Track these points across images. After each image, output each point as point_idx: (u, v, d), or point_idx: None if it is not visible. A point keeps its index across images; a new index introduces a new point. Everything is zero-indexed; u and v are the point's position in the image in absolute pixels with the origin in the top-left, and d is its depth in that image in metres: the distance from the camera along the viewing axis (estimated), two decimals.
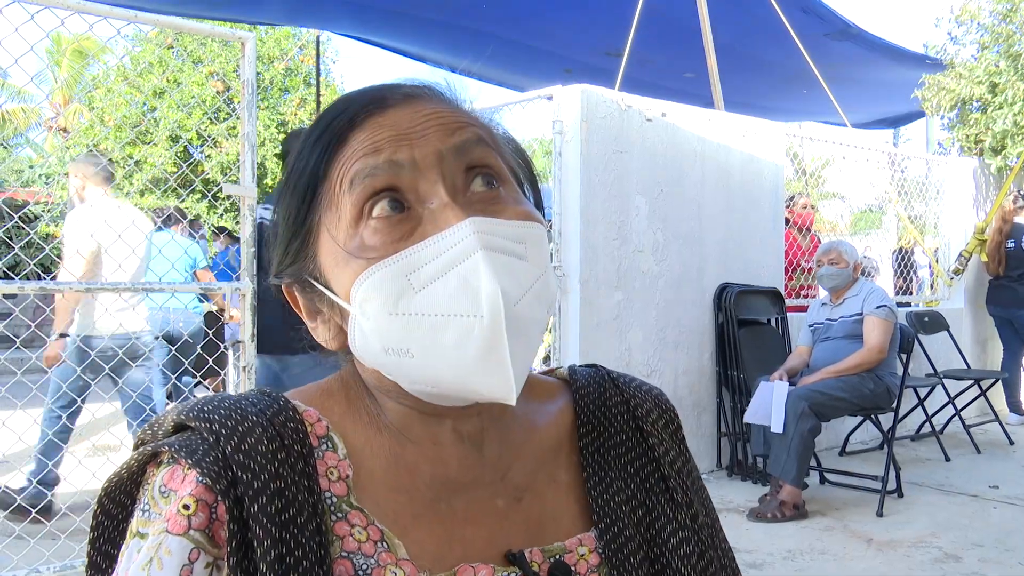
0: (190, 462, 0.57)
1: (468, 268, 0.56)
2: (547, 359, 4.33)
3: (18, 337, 3.59)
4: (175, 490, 0.57)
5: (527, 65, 7.84)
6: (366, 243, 0.59)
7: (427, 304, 0.56)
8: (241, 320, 3.17)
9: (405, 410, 0.65)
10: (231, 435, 0.58)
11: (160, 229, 5.16)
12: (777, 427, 3.96)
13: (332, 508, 0.60)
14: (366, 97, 0.64)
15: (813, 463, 4.40)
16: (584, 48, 7.21)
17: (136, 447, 0.64)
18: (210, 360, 4.65)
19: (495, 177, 0.62)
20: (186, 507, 0.56)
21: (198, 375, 4.60)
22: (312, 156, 0.63)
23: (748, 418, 4.21)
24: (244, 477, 0.57)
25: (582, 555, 0.66)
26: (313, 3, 6.67)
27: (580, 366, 0.80)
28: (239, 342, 3.20)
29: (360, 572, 0.58)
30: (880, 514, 3.93)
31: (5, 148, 18.44)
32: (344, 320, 0.63)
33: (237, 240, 3.78)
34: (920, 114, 8.00)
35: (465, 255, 0.56)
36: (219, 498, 0.56)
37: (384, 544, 0.59)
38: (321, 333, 0.66)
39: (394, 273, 0.57)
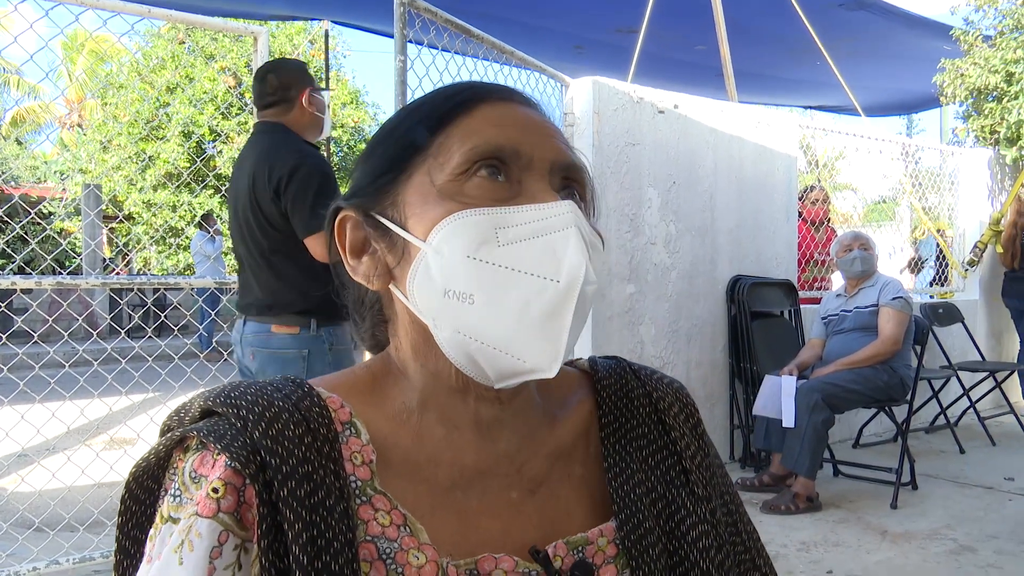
0: (219, 447, 0.58)
1: (558, 239, 0.60)
2: None
3: (35, 332, 3.63)
4: (205, 475, 0.59)
5: (538, 43, 7.80)
6: (466, 192, 0.61)
7: (507, 258, 0.59)
8: None
9: (430, 382, 0.65)
10: (259, 420, 0.59)
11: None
12: (788, 422, 3.94)
13: (357, 492, 0.61)
14: (494, 86, 0.68)
15: (826, 455, 4.39)
16: (593, 25, 7.15)
17: (163, 432, 0.65)
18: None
19: (581, 195, 0.68)
20: (215, 490, 0.57)
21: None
22: (438, 108, 0.66)
23: (757, 411, 4.20)
24: (273, 461, 0.58)
25: (600, 546, 0.66)
26: None
27: (600, 357, 0.80)
28: None
29: (384, 555, 0.59)
30: (894, 506, 3.92)
31: (20, 144, 18.58)
32: (399, 260, 0.64)
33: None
34: (935, 102, 7.92)
35: (558, 227, 0.60)
36: (247, 481, 0.57)
37: (407, 528, 0.60)
38: (363, 269, 0.67)
39: (485, 222, 0.59)
